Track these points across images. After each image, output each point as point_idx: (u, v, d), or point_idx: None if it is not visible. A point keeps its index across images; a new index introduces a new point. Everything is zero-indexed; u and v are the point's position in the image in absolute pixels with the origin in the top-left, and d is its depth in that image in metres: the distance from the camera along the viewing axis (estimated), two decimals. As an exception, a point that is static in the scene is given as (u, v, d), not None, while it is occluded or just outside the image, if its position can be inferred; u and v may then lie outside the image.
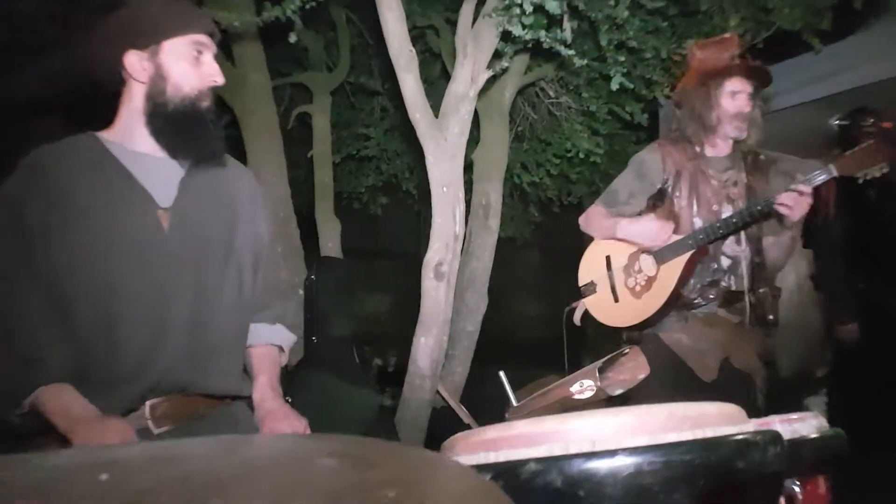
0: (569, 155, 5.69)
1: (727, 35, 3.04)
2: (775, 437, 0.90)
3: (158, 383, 1.70)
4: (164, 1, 1.86)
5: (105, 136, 1.81)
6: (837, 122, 4.09)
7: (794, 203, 2.60)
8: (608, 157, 5.66)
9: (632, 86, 4.40)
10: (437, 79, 5.50)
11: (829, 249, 4.21)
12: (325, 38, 5.54)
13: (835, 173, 2.54)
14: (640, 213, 3.08)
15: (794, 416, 1.12)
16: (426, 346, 4.14)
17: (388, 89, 5.78)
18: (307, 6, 3.44)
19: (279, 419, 1.83)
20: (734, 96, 2.89)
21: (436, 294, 4.10)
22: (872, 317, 4.15)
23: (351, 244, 5.62)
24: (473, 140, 4.58)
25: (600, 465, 0.79)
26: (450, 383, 4.74)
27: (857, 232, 4.16)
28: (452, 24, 5.12)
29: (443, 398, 4.50)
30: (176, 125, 1.79)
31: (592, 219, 3.20)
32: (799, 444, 1.04)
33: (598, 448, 0.80)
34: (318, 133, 5.36)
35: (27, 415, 1.60)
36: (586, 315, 3.31)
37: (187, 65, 1.80)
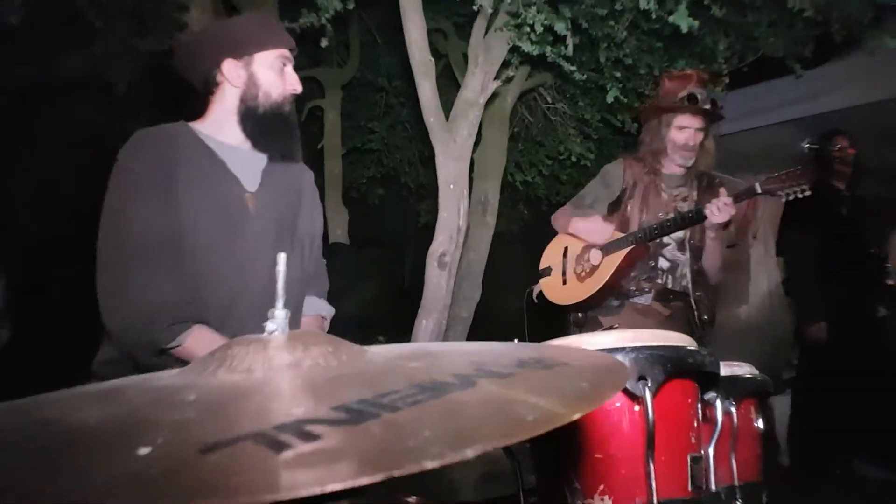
0: (561, 157, 6.27)
1: (689, 71, 3.58)
2: (711, 352, 1.49)
3: (234, 336, 2.19)
4: (259, 19, 2.36)
5: (197, 126, 2.20)
6: (808, 145, 4.64)
7: (719, 210, 3.11)
8: (598, 161, 6.23)
9: (626, 99, 4.97)
10: (439, 77, 6.06)
11: (799, 256, 4.74)
12: (337, 35, 6.07)
13: (759, 191, 3.05)
14: (590, 215, 3.63)
15: (734, 363, 1.72)
16: (427, 328, 4.69)
17: (395, 86, 6.34)
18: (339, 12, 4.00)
19: None
20: (681, 130, 3.40)
21: (438, 281, 4.65)
22: (839, 322, 4.50)
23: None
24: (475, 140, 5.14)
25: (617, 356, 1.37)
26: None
27: (828, 241, 4.54)
28: (459, 27, 5.68)
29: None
30: (265, 125, 2.20)
31: (559, 217, 3.77)
32: (735, 377, 1.64)
33: (615, 346, 1.38)
34: (329, 126, 5.88)
35: (165, 354, 1.95)
36: (539, 295, 3.88)
37: (274, 74, 2.21)
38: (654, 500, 1.28)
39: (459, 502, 1.74)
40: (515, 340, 2.68)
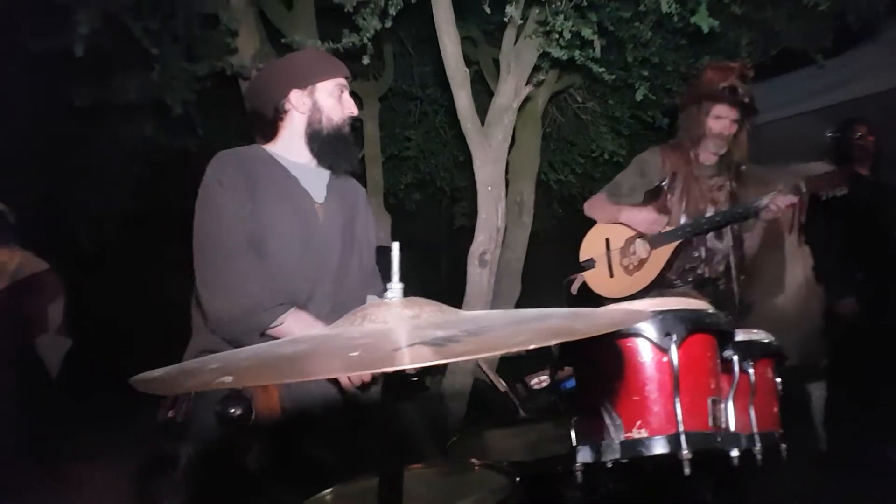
0: (593, 155, 6.63)
1: (733, 63, 3.80)
2: (728, 315, 1.86)
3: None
4: (318, 53, 2.76)
5: (269, 147, 2.60)
6: (830, 133, 4.93)
7: (777, 209, 3.39)
8: (629, 157, 6.54)
9: (654, 96, 5.29)
10: (471, 84, 6.41)
11: (826, 240, 4.97)
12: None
13: (803, 190, 3.34)
14: (637, 205, 3.84)
15: (752, 330, 2.08)
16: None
17: (429, 95, 6.73)
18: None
19: None
20: (718, 119, 3.65)
21: (479, 279, 5.01)
22: (869, 309, 4.75)
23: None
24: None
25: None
26: (487, 358, 5.67)
27: (854, 224, 4.75)
28: (489, 34, 6.04)
29: (482, 370, 5.42)
30: (328, 145, 2.59)
31: (596, 205, 3.98)
32: (752, 341, 2.00)
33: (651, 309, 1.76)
34: (369, 136, 6.27)
35: (264, 337, 2.29)
36: (582, 286, 4.08)
37: (334, 101, 2.61)
38: (681, 431, 1.65)
39: (514, 462, 2.07)
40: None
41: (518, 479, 1.76)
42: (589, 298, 4.04)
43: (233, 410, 2.19)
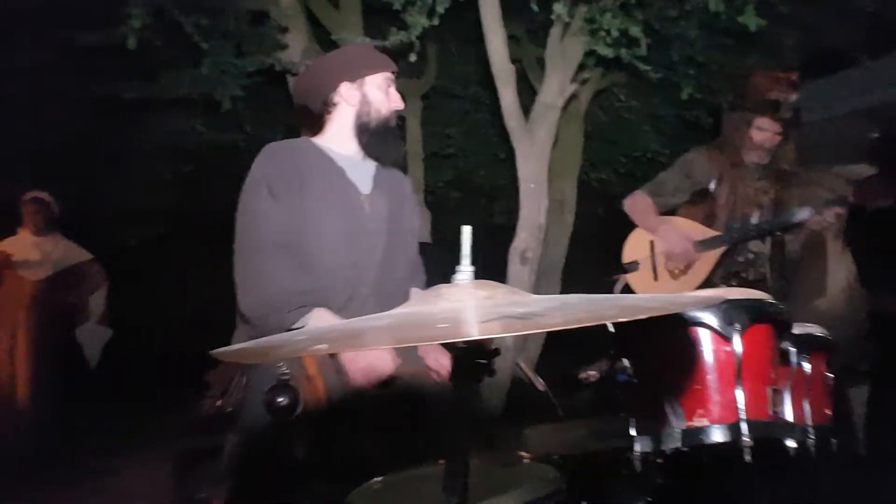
0: (636, 154, 6.64)
1: (781, 74, 3.75)
2: (785, 308, 1.89)
3: (357, 316, 2.59)
4: (367, 47, 2.82)
5: (317, 140, 2.65)
6: (874, 135, 4.90)
7: (821, 219, 3.43)
8: (672, 157, 6.55)
9: (700, 96, 5.30)
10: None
11: (869, 243, 4.96)
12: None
13: (851, 200, 3.38)
14: (678, 206, 3.87)
15: (806, 324, 2.10)
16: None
17: (470, 93, 6.79)
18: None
19: (437, 350, 2.63)
20: (761, 131, 3.64)
21: (520, 276, 5.04)
22: None
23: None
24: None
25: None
26: (526, 357, 5.70)
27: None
28: (532, 33, 6.08)
29: (521, 369, 5.46)
30: (376, 138, 2.62)
31: (637, 206, 3.92)
32: (807, 334, 2.02)
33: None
34: (411, 134, 6.32)
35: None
36: (625, 289, 4.05)
37: (382, 94, 2.63)
38: (743, 419, 1.69)
39: (564, 456, 2.10)
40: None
41: (568, 472, 1.78)
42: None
43: (280, 400, 2.23)
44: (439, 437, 2.26)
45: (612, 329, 2.02)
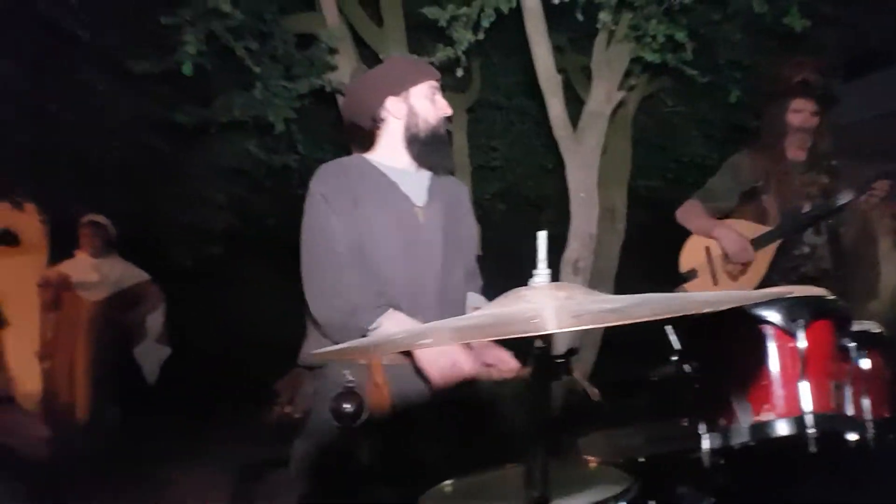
0: (684, 160, 6.65)
1: (803, 59, 3.81)
2: (845, 304, 1.95)
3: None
4: (407, 59, 2.88)
5: (369, 156, 2.72)
6: None
7: (874, 194, 3.46)
8: (722, 161, 6.55)
9: (747, 100, 5.32)
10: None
11: None
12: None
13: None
14: (731, 211, 3.88)
15: (863, 321, 2.15)
16: (563, 333, 5.15)
17: (515, 104, 6.87)
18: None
19: (495, 346, 2.63)
20: (797, 113, 3.69)
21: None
22: None
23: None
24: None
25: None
26: (580, 366, 5.74)
27: None
28: (575, 42, 6.15)
29: (576, 379, 5.51)
30: (427, 147, 2.68)
31: (690, 214, 3.98)
32: (866, 331, 2.07)
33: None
34: (457, 147, 6.41)
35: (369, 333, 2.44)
36: None
37: (428, 103, 2.68)
38: (808, 412, 1.74)
39: (632, 459, 2.14)
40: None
41: (634, 474, 1.82)
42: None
43: (346, 407, 2.32)
44: (509, 439, 2.34)
45: (673, 337, 2.08)
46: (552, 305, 1.20)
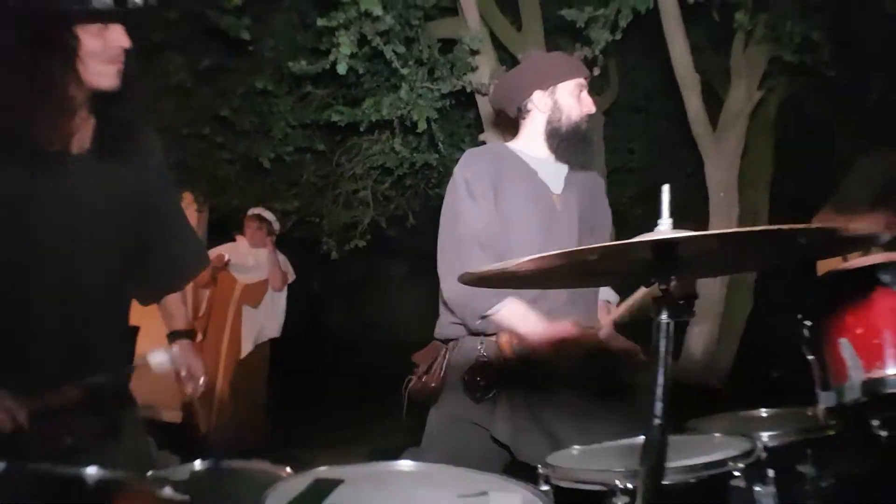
0: (828, 161, 6.55)
1: None
2: None
3: (548, 312, 2.70)
4: (559, 55, 3.07)
5: (511, 144, 2.92)
6: None
7: None
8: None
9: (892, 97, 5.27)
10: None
11: None
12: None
13: None
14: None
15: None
16: (699, 335, 5.24)
17: (653, 106, 6.97)
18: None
19: (619, 338, 2.78)
20: None
21: (711, 289, 5.17)
22: None
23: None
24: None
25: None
26: (716, 370, 5.78)
27: None
28: (713, 42, 6.21)
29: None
30: (566, 142, 2.85)
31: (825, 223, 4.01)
32: None
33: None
34: (595, 150, 6.60)
35: (485, 319, 2.57)
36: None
37: (573, 100, 2.84)
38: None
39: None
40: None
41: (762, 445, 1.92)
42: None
43: (479, 380, 2.53)
44: (635, 413, 2.46)
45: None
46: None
